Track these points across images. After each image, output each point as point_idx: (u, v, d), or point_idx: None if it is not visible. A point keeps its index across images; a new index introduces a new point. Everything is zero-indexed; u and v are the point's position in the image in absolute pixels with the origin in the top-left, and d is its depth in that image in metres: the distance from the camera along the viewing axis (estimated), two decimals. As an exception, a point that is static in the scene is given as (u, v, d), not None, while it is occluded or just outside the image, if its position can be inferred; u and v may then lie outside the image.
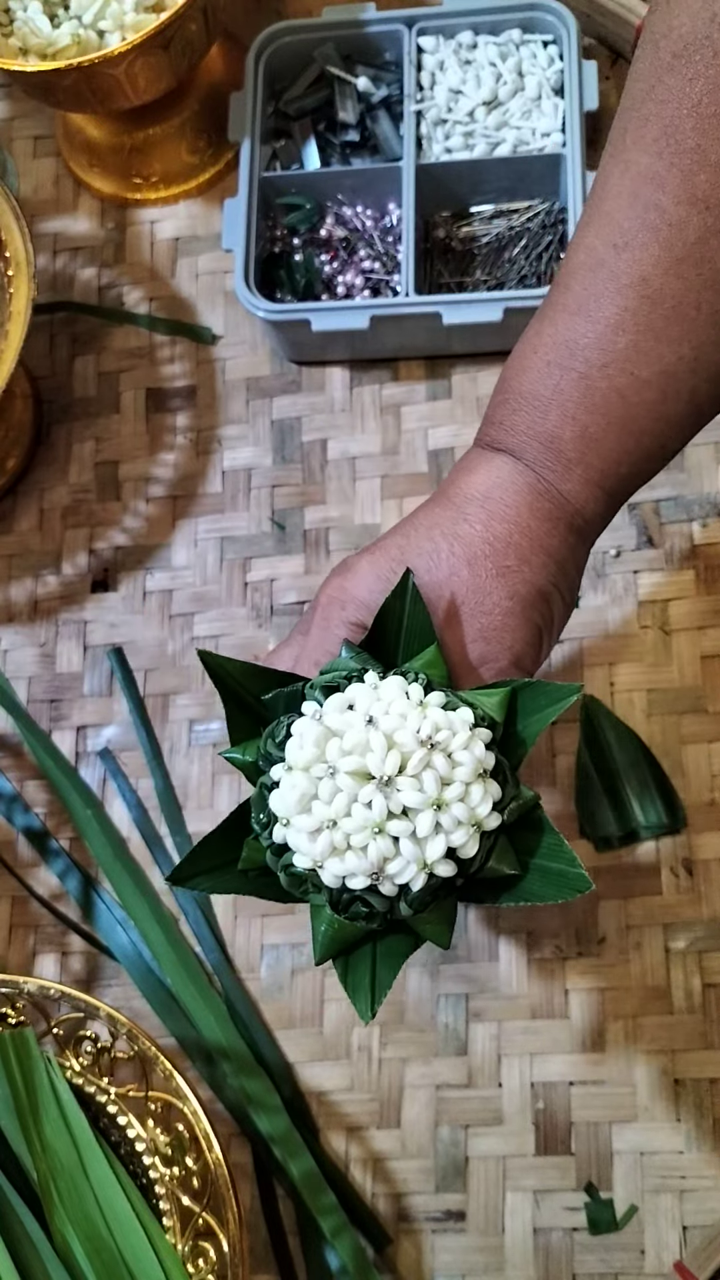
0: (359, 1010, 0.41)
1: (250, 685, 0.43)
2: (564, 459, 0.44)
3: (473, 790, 0.39)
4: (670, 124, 0.41)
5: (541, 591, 0.45)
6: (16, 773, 0.68)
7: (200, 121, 0.77)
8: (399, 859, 0.39)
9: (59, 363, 0.76)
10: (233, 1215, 0.52)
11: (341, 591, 0.45)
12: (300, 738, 0.40)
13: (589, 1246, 0.56)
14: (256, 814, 0.42)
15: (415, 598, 0.43)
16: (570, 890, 0.40)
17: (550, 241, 0.69)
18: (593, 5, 0.72)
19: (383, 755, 0.39)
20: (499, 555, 0.44)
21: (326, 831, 0.39)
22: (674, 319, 0.42)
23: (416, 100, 0.70)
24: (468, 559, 0.44)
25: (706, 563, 0.64)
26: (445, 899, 0.41)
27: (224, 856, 0.43)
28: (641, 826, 0.60)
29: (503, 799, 0.40)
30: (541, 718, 0.42)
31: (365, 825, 0.39)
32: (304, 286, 0.70)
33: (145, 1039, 0.55)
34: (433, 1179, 0.58)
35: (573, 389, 0.44)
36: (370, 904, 0.40)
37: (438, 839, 0.39)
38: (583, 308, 0.43)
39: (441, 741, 0.39)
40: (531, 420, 0.45)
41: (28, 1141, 0.53)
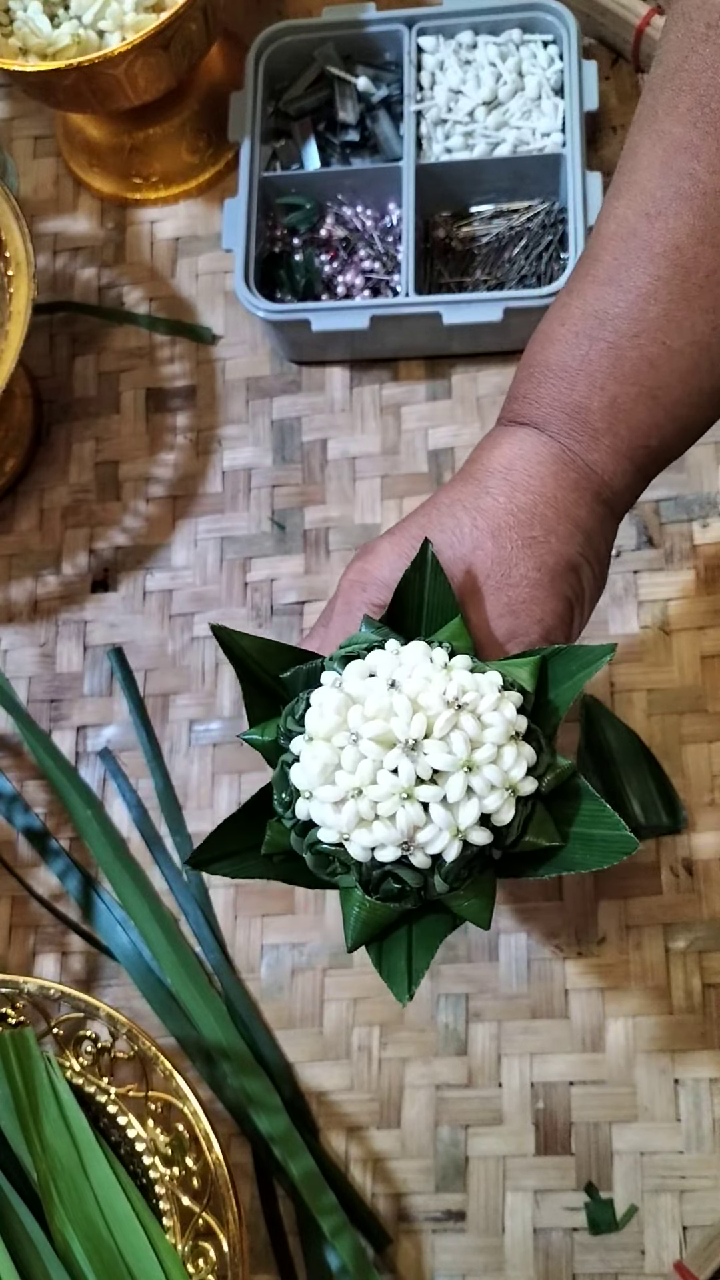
0: (396, 993, 0.39)
1: (267, 663, 0.41)
2: (591, 429, 0.43)
3: (505, 752, 0.37)
4: (705, 94, 0.41)
5: (570, 562, 0.43)
6: (16, 773, 0.68)
7: (200, 121, 0.77)
8: (430, 826, 0.37)
9: (59, 363, 0.76)
10: (233, 1215, 0.52)
11: (362, 574, 0.44)
12: (320, 707, 0.38)
13: (589, 1246, 0.56)
14: (278, 794, 0.40)
15: (436, 570, 0.41)
16: (616, 854, 0.38)
17: (550, 241, 0.69)
18: (593, 5, 0.72)
19: (408, 719, 0.37)
20: (524, 526, 0.43)
21: (352, 801, 0.37)
22: (707, 287, 0.42)
23: (416, 100, 0.70)
24: (491, 531, 0.43)
25: (706, 563, 0.64)
26: (483, 874, 0.39)
27: (246, 841, 0.41)
28: (642, 826, 0.60)
29: (538, 766, 0.39)
30: (574, 683, 0.40)
31: (393, 791, 0.37)
32: (304, 286, 0.70)
33: (145, 1039, 0.55)
34: (433, 1179, 0.58)
35: (602, 359, 0.43)
36: (403, 880, 0.38)
37: (470, 803, 0.37)
38: (613, 278, 0.43)
39: (469, 703, 0.37)
40: (558, 391, 0.44)
41: (28, 1141, 0.53)
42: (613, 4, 0.71)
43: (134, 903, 0.63)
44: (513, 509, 0.43)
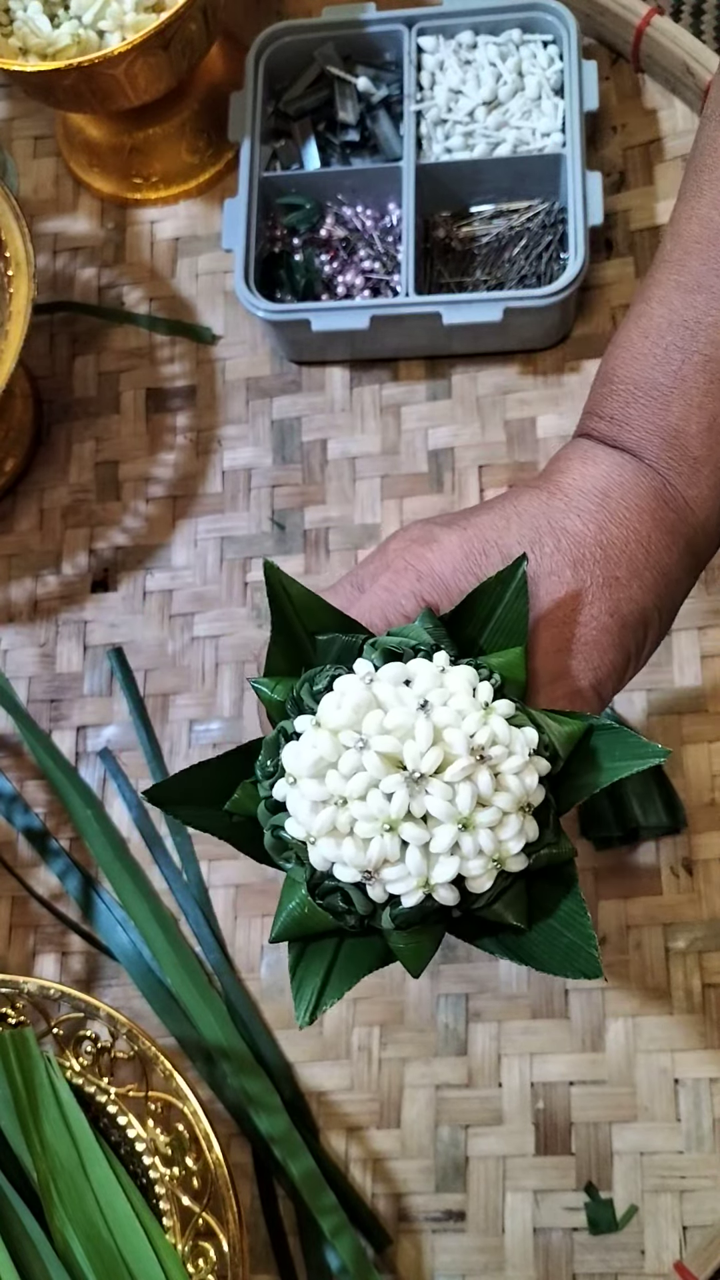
0: (297, 1012, 0.36)
1: (306, 617, 0.38)
2: (691, 457, 0.40)
3: (509, 822, 0.34)
4: None
5: (644, 615, 0.39)
6: (16, 773, 0.68)
7: (200, 121, 0.77)
8: (399, 866, 0.34)
9: (59, 363, 0.76)
10: (233, 1215, 0.52)
11: (421, 560, 0.40)
12: (341, 696, 0.35)
13: (589, 1246, 0.56)
14: (264, 759, 0.37)
15: (520, 591, 0.37)
16: (576, 971, 0.36)
17: (550, 241, 0.69)
18: (593, 5, 0.72)
19: (424, 748, 0.34)
20: (610, 563, 0.39)
21: (332, 808, 0.34)
22: None
23: (416, 100, 0.70)
24: (574, 560, 0.39)
25: (706, 563, 0.64)
26: (434, 925, 0.36)
27: (213, 792, 0.38)
28: (642, 826, 0.60)
29: (537, 843, 0.35)
30: (612, 770, 0.36)
31: (377, 816, 0.34)
32: (304, 286, 0.70)
33: (145, 1039, 0.55)
34: (433, 1179, 0.58)
35: (698, 374, 0.39)
36: (351, 902, 0.35)
37: (450, 860, 0.34)
38: (703, 283, 0.39)
39: (494, 757, 0.34)
40: (651, 413, 0.40)
41: (28, 1141, 0.53)
42: (613, 4, 0.71)
43: (134, 903, 0.63)
44: (603, 541, 0.39)
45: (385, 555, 0.41)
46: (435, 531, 0.40)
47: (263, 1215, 0.59)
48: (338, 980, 0.37)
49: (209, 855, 0.65)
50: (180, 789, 0.38)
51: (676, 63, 0.70)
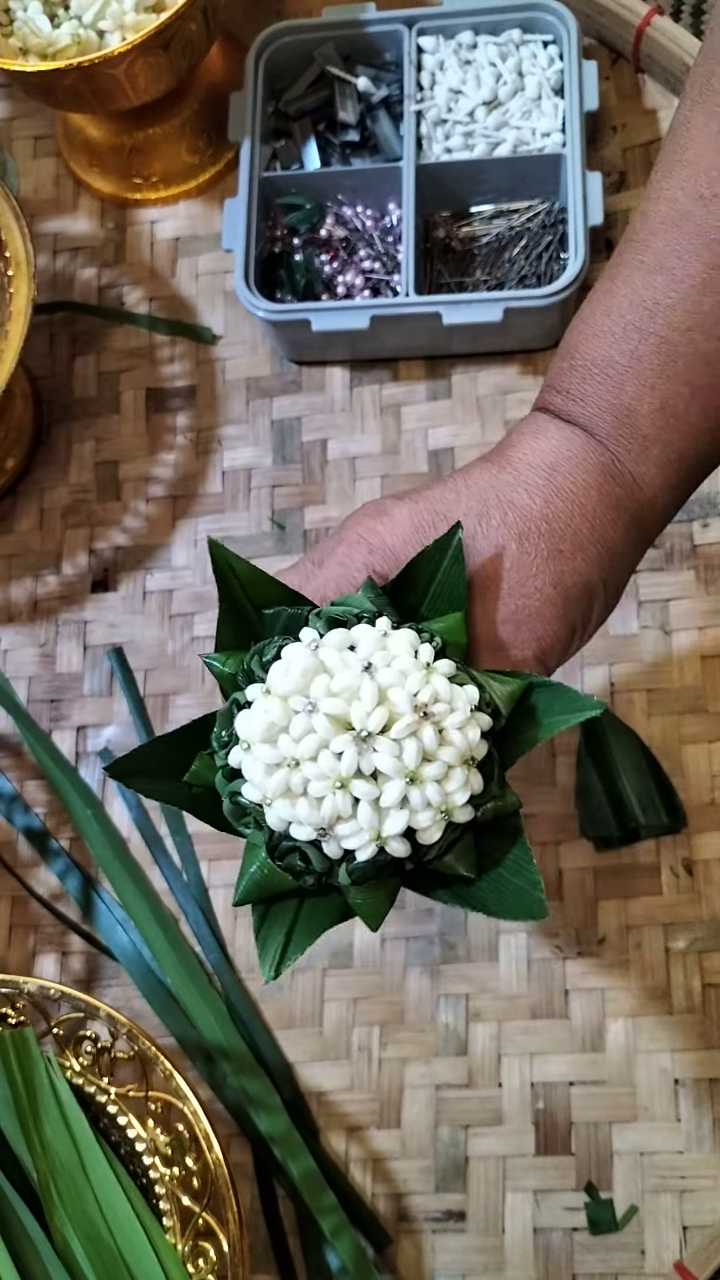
0: (261, 967, 0.38)
1: (253, 592, 0.40)
2: (640, 435, 0.40)
3: (454, 775, 0.36)
4: None
5: (588, 586, 0.41)
6: (16, 773, 0.68)
7: (200, 121, 0.77)
8: (352, 822, 0.36)
9: (59, 363, 0.76)
10: (233, 1215, 0.52)
11: (372, 534, 0.41)
12: (288, 664, 0.37)
13: (589, 1247, 0.56)
14: (219, 730, 0.38)
15: (457, 557, 0.39)
16: (524, 913, 0.37)
17: (550, 241, 0.69)
18: (592, 5, 0.72)
19: (370, 707, 0.35)
20: (554, 536, 0.40)
21: (285, 770, 0.36)
22: None
23: (416, 100, 0.70)
24: (519, 533, 0.40)
25: (706, 563, 0.64)
26: (389, 878, 0.38)
27: (172, 765, 0.39)
28: (641, 826, 0.60)
29: (482, 795, 0.37)
30: (551, 724, 0.38)
31: (328, 775, 0.35)
32: (304, 286, 0.70)
33: (145, 1039, 0.55)
34: (433, 1179, 0.58)
35: (653, 355, 0.40)
36: (309, 860, 0.37)
37: (400, 814, 0.36)
38: (664, 265, 0.40)
39: (436, 714, 0.36)
40: (605, 390, 0.40)
41: (28, 1141, 0.53)
42: (613, 4, 0.71)
43: (134, 903, 0.63)
44: (548, 515, 0.40)
45: (342, 530, 0.42)
46: (387, 505, 0.42)
47: (263, 1215, 0.59)
48: (300, 937, 0.38)
49: (209, 855, 0.65)
50: (140, 763, 0.39)
51: (676, 63, 0.70)
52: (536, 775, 0.62)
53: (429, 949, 0.61)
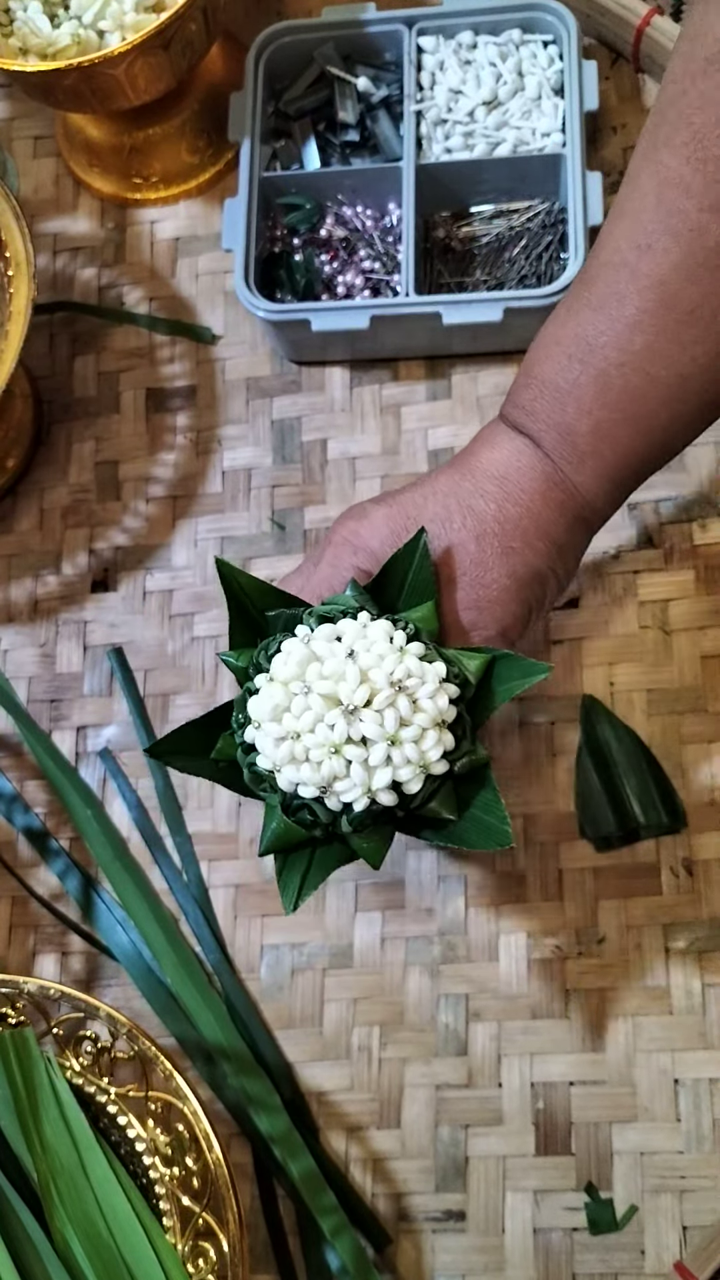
0: (284, 901, 0.46)
1: (257, 600, 0.48)
2: (578, 451, 0.47)
3: (428, 735, 0.43)
4: (699, 130, 0.42)
5: (539, 574, 0.48)
6: (16, 773, 0.68)
7: (200, 121, 0.77)
8: (347, 780, 0.43)
9: (59, 363, 0.76)
10: (233, 1215, 0.52)
11: (355, 536, 0.49)
12: (287, 655, 0.44)
13: (589, 1246, 0.56)
14: (236, 714, 0.46)
15: (424, 555, 0.46)
16: (494, 842, 0.44)
17: (550, 241, 0.69)
18: (592, 5, 0.72)
19: (354, 686, 0.43)
20: (506, 536, 0.47)
21: (290, 741, 0.43)
22: (689, 323, 0.44)
23: (416, 100, 0.70)
24: (477, 534, 0.47)
25: (706, 563, 0.64)
26: (384, 825, 0.45)
27: (200, 745, 0.48)
28: (641, 826, 0.60)
29: (456, 751, 0.45)
30: (511, 687, 0.46)
31: (324, 744, 0.43)
32: (304, 286, 0.70)
33: (145, 1039, 0.55)
34: (432, 1179, 0.58)
35: (590, 384, 0.46)
36: (315, 814, 0.44)
37: (385, 770, 0.43)
38: (604, 305, 0.45)
39: (409, 687, 0.43)
40: (551, 409, 0.47)
41: (28, 1141, 0.53)
42: (613, 4, 0.71)
43: (134, 903, 0.63)
44: (500, 517, 0.47)
45: (330, 532, 0.50)
46: (367, 509, 0.49)
47: (263, 1215, 0.59)
48: (313, 877, 0.46)
49: (209, 855, 0.65)
50: (174, 745, 0.48)
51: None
52: (536, 775, 0.63)
53: (429, 949, 0.61)
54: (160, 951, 0.62)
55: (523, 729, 0.63)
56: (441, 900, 0.62)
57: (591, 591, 0.65)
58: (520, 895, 0.61)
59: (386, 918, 0.62)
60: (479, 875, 0.62)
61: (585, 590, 0.65)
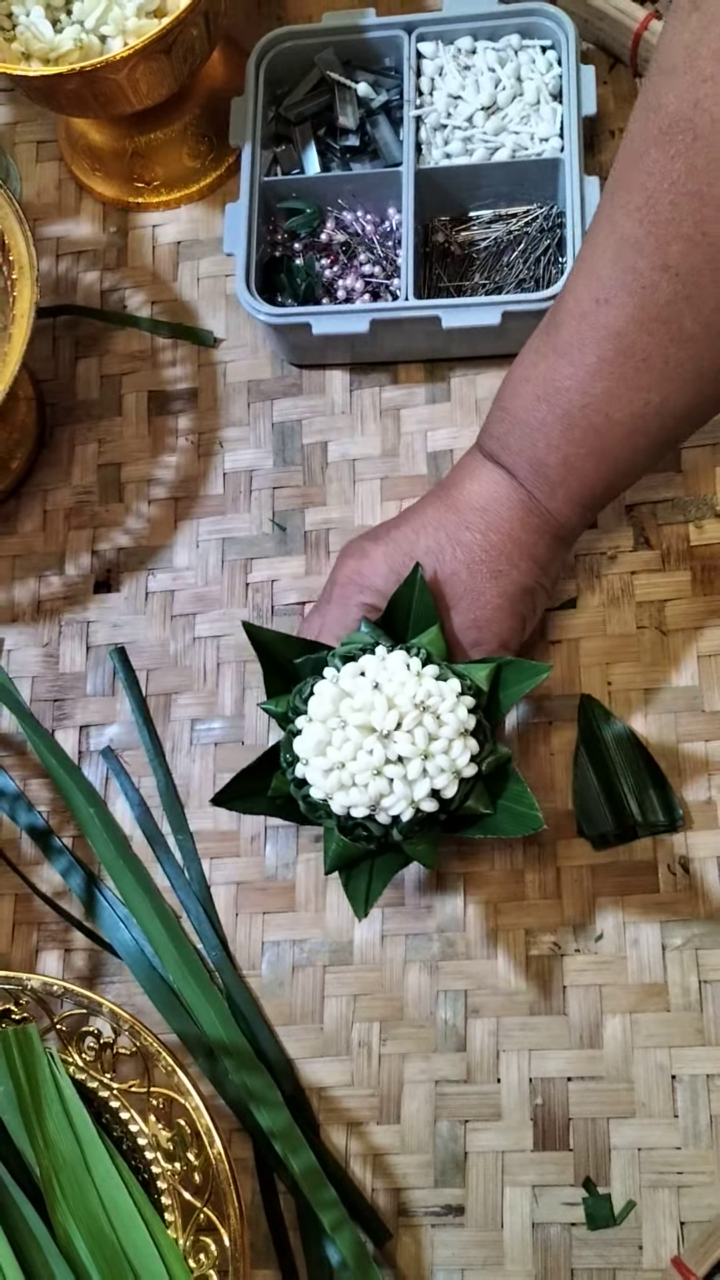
0: (355, 908, 0.52)
1: (284, 651, 0.54)
2: (549, 481, 0.52)
3: (455, 745, 0.49)
4: (652, 195, 0.45)
5: (527, 589, 0.54)
6: (20, 771, 0.69)
7: (201, 126, 0.77)
8: (392, 795, 0.48)
9: (62, 366, 0.77)
10: (234, 1210, 0.53)
11: (359, 575, 0.55)
12: (320, 696, 0.50)
13: (587, 1242, 0.56)
14: (284, 754, 0.52)
15: (422, 588, 0.52)
16: (526, 827, 0.50)
17: (549, 246, 0.69)
18: (590, 10, 0.72)
19: (384, 714, 0.48)
20: (493, 561, 0.53)
21: (336, 771, 0.48)
22: (644, 370, 0.48)
23: (416, 105, 0.71)
24: (467, 563, 0.53)
25: (703, 563, 0.65)
26: (430, 828, 0.51)
27: (255, 787, 0.54)
28: (639, 825, 0.60)
29: (481, 753, 0.50)
30: (518, 689, 0.52)
31: (367, 768, 0.48)
32: (304, 290, 0.71)
33: (147, 1035, 0.55)
34: (432, 1174, 0.59)
35: (556, 423, 0.51)
36: (369, 829, 0.50)
37: (424, 782, 0.48)
38: (568, 352, 0.50)
39: (432, 705, 0.49)
40: (522, 444, 0.52)
41: (30, 1137, 0.54)
42: (610, 9, 0.71)
43: (136, 900, 0.63)
44: (486, 545, 0.53)
45: (335, 573, 0.56)
46: (366, 548, 0.55)
47: (264, 1210, 0.59)
48: (377, 883, 0.52)
49: (211, 853, 0.65)
50: (232, 792, 0.54)
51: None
52: (535, 774, 0.63)
53: (428, 945, 0.62)
54: (162, 948, 0.62)
55: (521, 729, 0.64)
56: (441, 898, 0.62)
57: (589, 592, 0.65)
58: (518, 893, 0.61)
59: (386, 915, 0.62)
60: (478, 873, 0.62)
61: (583, 591, 0.65)
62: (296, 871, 0.64)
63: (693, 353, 0.47)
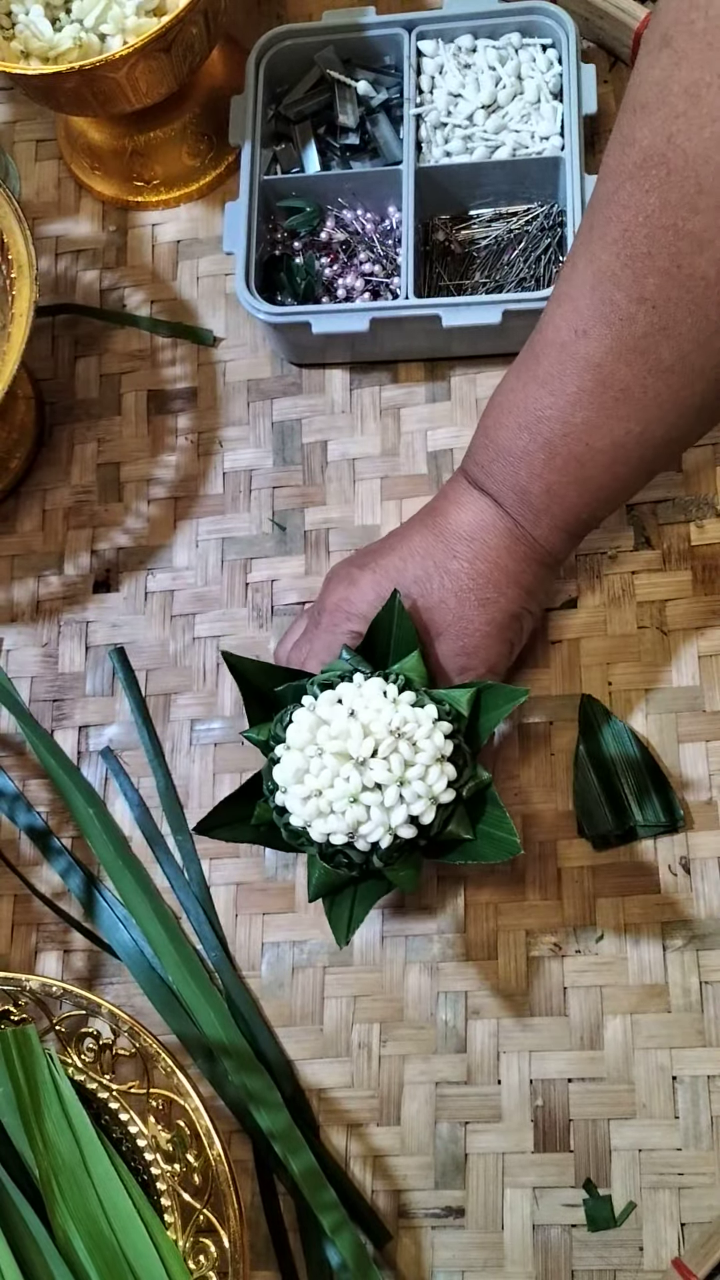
0: (336, 936, 0.51)
1: (264, 680, 0.54)
2: (534, 509, 0.53)
3: (431, 771, 0.49)
4: (628, 229, 0.45)
5: (514, 615, 0.55)
6: (19, 772, 0.69)
7: (201, 125, 0.77)
8: (370, 822, 0.48)
9: (61, 365, 0.77)
10: (233, 1212, 0.52)
11: (346, 603, 0.55)
12: (298, 724, 0.50)
13: (587, 1243, 0.56)
14: (266, 782, 0.52)
15: (402, 614, 0.52)
16: (505, 852, 0.50)
17: (549, 244, 0.69)
18: (591, 9, 0.72)
19: (359, 741, 0.48)
20: (480, 589, 0.54)
21: (314, 799, 0.49)
22: (623, 400, 0.48)
23: (416, 104, 0.71)
24: (455, 591, 0.54)
25: (703, 563, 0.65)
26: (411, 854, 0.51)
27: (239, 814, 0.54)
28: (639, 825, 0.60)
29: (460, 779, 0.50)
30: (497, 714, 0.52)
31: (344, 795, 0.48)
32: (304, 289, 0.71)
33: (147, 1036, 0.55)
34: (432, 1175, 0.59)
35: (539, 452, 0.51)
36: (349, 856, 0.50)
37: (400, 808, 0.49)
38: (548, 382, 0.50)
39: (407, 732, 0.49)
40: (506, 473, 0.53)
41: (30, 1138, 0.54)
42: (611, 7, 0.71)
43: (136, 901, 0.63)
44: (474, 574, 0.54)
45: (323, 597, 0.57)
46: (354, 575, 0.56)
47: (263, 1212, 0.59)
48: (359, 910, 0.52)
49: (210, 854, 0.65)
50: (216, 819, 0.54)
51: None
52: (535, 775, 0.63)
53: (428, 946, 0.61)
54: (161, 949, 0.62)
55: (522, 729, 0.64)
56: (441, 899, 0.62)
57: (590, 592, 0.65)
58: (519, 893, 0.61)
59: (386, 916, 0.62)
60: (478, 874, 0.62)
61: (583, 591, 0.65)
62: (296, 872, 0.64)
63: (670, 383, 0.47)
